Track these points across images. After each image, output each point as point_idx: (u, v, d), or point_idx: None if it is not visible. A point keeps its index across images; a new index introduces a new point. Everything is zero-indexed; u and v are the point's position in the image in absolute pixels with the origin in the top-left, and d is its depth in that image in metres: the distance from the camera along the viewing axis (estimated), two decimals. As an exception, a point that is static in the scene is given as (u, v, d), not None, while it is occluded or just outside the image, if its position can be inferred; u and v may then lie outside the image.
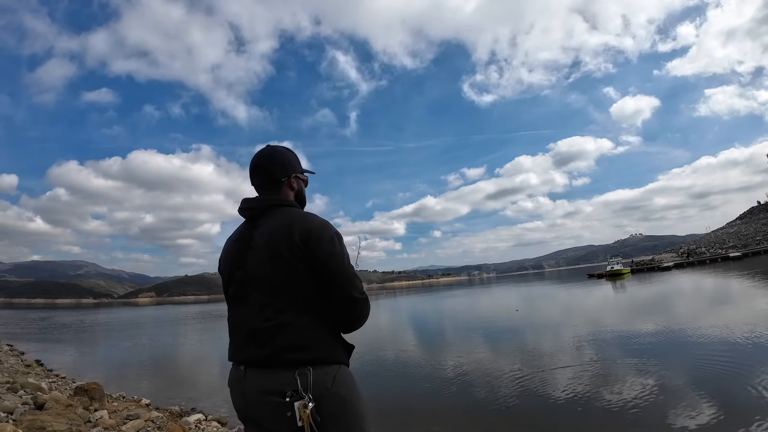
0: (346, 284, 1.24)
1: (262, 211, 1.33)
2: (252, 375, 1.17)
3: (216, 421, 5.38)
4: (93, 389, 5.59)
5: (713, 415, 4.51)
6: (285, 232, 1.22)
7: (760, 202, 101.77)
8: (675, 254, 77.01)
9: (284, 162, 1.40)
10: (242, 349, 1.23)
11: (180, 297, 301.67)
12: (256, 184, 1.40)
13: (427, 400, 6.18)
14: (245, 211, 1.36)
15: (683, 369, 6.43)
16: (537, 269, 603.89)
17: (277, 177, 1.38)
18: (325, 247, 1.22)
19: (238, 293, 1.29)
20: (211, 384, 8.33)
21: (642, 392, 5.47)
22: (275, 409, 1.11)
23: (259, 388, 1.15)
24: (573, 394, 5.69)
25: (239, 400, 1.22)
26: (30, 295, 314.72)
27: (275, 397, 1.11)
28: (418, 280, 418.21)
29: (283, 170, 1.39)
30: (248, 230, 1.33)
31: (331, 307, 1.25)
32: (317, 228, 1.24)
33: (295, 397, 1.10)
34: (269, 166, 1.38)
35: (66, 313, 53.95)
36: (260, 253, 1.24)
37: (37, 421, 3.60)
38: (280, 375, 1.13)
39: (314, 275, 1.21)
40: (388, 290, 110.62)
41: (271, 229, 1.26)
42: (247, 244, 1.29)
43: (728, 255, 55.82)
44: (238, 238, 1.35)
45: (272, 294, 1.21)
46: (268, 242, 1.23)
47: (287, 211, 1.31)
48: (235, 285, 1.30)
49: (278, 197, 1.37)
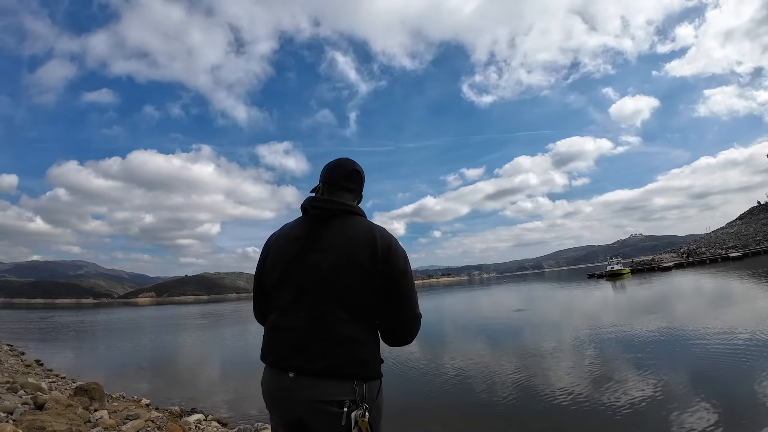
0: (415, 303, 1.26)
1: (335, 214, 1.26)
2: (305, 383, 1.14)
3: (216, 421, 5.37)
4: (93, 389, 5.59)
5: (713, 415, 4.50)
6: (368, 241, 1.19)
7: (760, 203, 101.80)
8: (675, 254, 77.00)
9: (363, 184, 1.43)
10: (293, 356, 1.16)
11: (180, 297, 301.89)
12: (345, 187, 1.35)
13: (427, 400, 6.17)
14: (316, 209, 1.26)
15: (683, 369, 6.42)
16: (537, 269, 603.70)
17: (361, 191, 1.40)
18: (401, 264, 1.22)
19: (294, 296, 1.21)
20: (211, 384, 8.33)
21: (642, 392, 5.47)
22: (331, 419, 1.11)
23: (315, 398, 1.12)
24: (573, 395, 5.69)
25: (284, 407, 1.18)
26: (30, 295, 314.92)
27: (333, 407, 1.11)
28: (418, 281, 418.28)
29: (361, 189, 1.41)
30: (315, 230, 1.24)
31: (385, 322, 1.26)
32: (396, 243, 1.23)
33: (352, 407, 1.12)
34: (363, 178, 1.40)
35: (66, 313, 53.90)
36: (333, 258, 1.18)
37: (37, 421, 3.60)
38: (337, 386, 1.13)
39: (385, 290, 1.19)
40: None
41: (349, 235, 1.21)
42: (311, 246, 1.22)
43: (728, 255, 55.82)
44: (301, 236, 1.26)
45: (339, 303, 1.17)
46: (346, 249, 1.18)
47: (363, 221, 1.27)
48: (291, 287, 1.22)
49: (353, 204, 1.32)
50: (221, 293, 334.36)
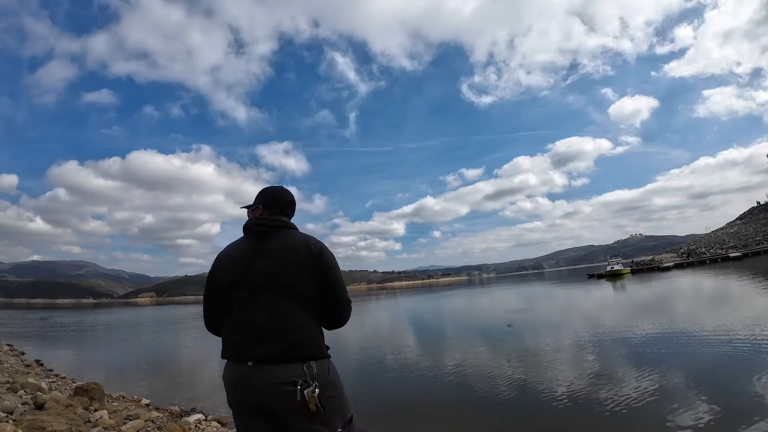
0: (344, 290, 1.58)
1: (275, 229, 1.58)
2: (264, 369, 1.37)
3: (216, 421, 5.37)
4: (93, 389, 5.58)
5: (713, 415, 4.51)
6: (303, 246, 1.52)
7: (759, 203, 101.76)
8: (675, 254, 76.99)
9: (294, 206, 1.78)
10: (254, 346, 1.40)
11: (180, 297, 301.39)
12: (284, 213, 1.70)
13: (427, 400, 6.18)
14: (260, 227, 1.58)
15: (683, 369, 6.43)
16: (537, 269, 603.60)
17: (292, 216, 1.76)
18: (330, 260, 1.56)
19: (251, 296, 1.47)
20: (211, 384, 8.32)
21: (642, 393, 5.48)
22: (287, 397, 1.34)
23: (273, 380, 1.35)
24: (573, 395, 5.69)
25: (244, 393, 1.40)
26: (30, 295, 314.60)
27: (288, 386, 1.34)
28: (418, 281, 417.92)
29: (292, 211, 1.77)
30: (259, 243, 1.55)
31: (323, 309, 1.54)
32: (325, 247, 1.58)
33: (304, 385, 1.34)
34: (294, 208, 1.76)
35: (66, 313, 53.94)
36: (276, 262, 1.48)
37: (37, 421, 3.60)
38: (290, 368, 1.37)
39: (321, 282, 1.51)
40: (388, 290, 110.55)
41: (288, 243, 1.54)
42: (258, 255, 1.51)
43: (728, 255, 55.81)
44: (248, 249, 1.55)
45: (290, 297, 1.45)
46: (287, 253, 1.50)
47: (297, 233, 1.62)
48: (247, 289, 1.48)
49: (287, 221, 1.68)
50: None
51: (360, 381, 7.47)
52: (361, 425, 1.71)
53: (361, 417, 1.51)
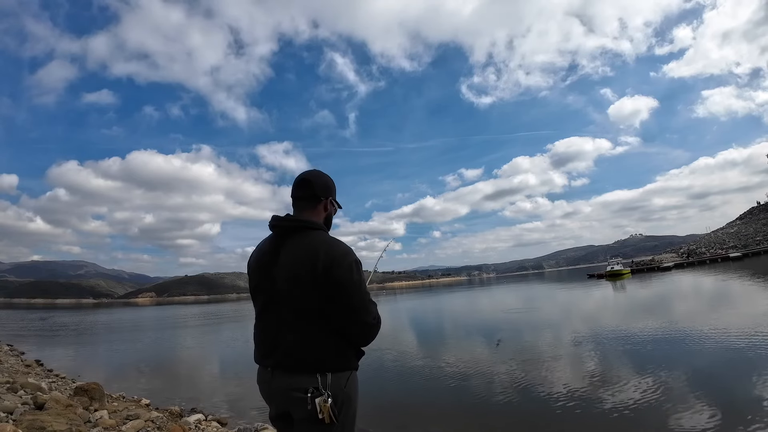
0: (361, 310, 1.40)
1: (290, 231, 1.45)
2: (279, 376, 1.38)
3: (216, 422, 5.37)
4: (93, 389, 5.58)
5: (713, 415, 4.51)
6: (309, 257, 1.36)
7: (759, 203, 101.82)
8: (675, 254, 77.03)
9: (327, 184, 1.56)
10: (270, 355, 1.41)
11: (180, 297, 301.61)
12: (297, 196, 1.52)
13: (427, 400, 6.18)
14: (274, 228, 1.48)
15: (683, 369, 6.43)
16: (537, 269, 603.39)
17: (318, 194, 1.51)
18: (344, 274, 1.35)
19: (266, 305, 1.45)
20: (211, 384, 8.33)
21: (642, 393, 5.48)
22: (300, 405, 1.32)
23: (286, 387, 1.36)
24: (573, 395, 5.69)
25: (267, 397, 1.45)
26: (30, 295, 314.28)
27: (299, 393, 1.32)
28: (418, 281, 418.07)
29: (325, 190, 1.54)
30: (275, 246, 1.45)
31: (341, 327, 1.40)
32: (340, 255, 1.37)
33: (315, 393, 1.31)
34: (315, 182, 1.52)
35: (66, 313, 53.90)
36: (283, 273, 1.39)
37: (37, 421, 3.60)
38: (303, 378, 1.34)
39: (332, 300, 1.35)
40: (388, 290, 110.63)
41: (297, 251, 1.39)
42: (272, 260, 1.44)
43: (728, 255, 55.81)
44: (267, 250, 1.48)
45: (294, 312, 1.38)
46: (291, 264, 1.38)
47: (315, 235, 1.44)
48: (263, 296, 1.46)
49: (307, 220, 1.47)
50: (221, 293, 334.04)
51: (360, 381, 7.45)
52: (362, 425, 1.72)
53: (362, 417, 1.48)
